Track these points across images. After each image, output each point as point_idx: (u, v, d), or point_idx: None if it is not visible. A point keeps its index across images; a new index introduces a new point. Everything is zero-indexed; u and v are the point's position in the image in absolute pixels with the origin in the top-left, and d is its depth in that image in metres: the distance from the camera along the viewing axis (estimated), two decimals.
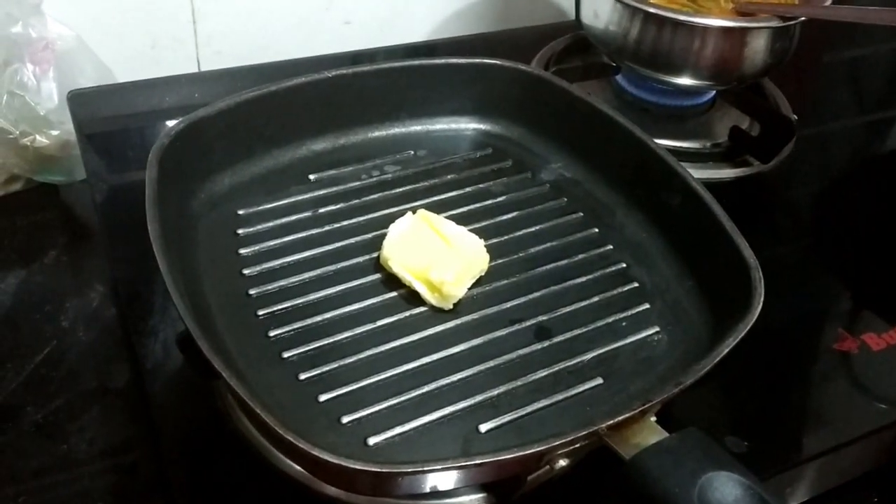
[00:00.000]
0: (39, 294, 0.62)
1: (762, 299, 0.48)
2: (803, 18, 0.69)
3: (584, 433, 0.42)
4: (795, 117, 0.77)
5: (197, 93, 0.76)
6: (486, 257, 0.56)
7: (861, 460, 0.58)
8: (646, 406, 0.43)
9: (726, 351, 0.46)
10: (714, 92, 0.78)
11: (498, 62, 0.64)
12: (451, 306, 0.54)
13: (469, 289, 0.55)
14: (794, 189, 0.76)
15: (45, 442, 0.53)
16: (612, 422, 0.43)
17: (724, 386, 0.57)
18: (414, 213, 0.58)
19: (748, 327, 0.47)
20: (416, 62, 0.64)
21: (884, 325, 0.62)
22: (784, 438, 0.55)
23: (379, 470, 0.41)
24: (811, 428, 0.56)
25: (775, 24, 0.68)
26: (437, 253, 0.54)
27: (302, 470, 0.47)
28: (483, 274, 0.56)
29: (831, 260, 0.70)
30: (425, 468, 0.41)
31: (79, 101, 0.69)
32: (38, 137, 0.67)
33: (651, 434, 0.43)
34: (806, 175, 0.77)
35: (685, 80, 0.72)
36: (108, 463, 0.52)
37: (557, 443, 0.42)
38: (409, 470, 0.42)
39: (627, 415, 0.43)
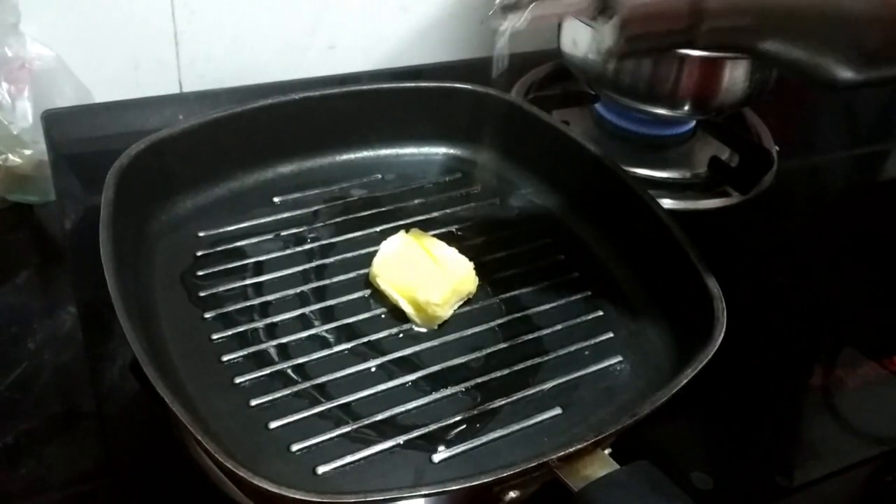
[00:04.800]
0: (9, 315, 0.62)
1: (724, 330, 0.48)
2: None
3: (533, 465, 0.41)
4: (777, 148, 0.77)
5: (181, 114, 0.76)
6: (475, 280, 0.56)
7: (835, 496, 0.57)
8: (598, 438, 0.43)
9: (685, 382, 0.45)
10: (694, 122, 0.77)
11: (468, 86, 0.64)
12: (436, 327, 0.54)
13: None
14: (772, 220, 0.75)
15: (6, 467, 0.52)
16: (562, 453, 0.42)
17: (694, 420, 0.57)
18: (407, 231, 0.58)
19: (708, 357, 0.46)
20: (386, 85, 0.64)
21: (859, 360, 0.62)
22: (756, 474, 0.54)
23: (320, 500, 0.40)
24: (784, 463, 0.55)
25: None
26: (425, 273, 0.54)
27: (252, 501, 0.46)
28: (471, 296, 0.56)
29: (808, 293, 0.69)
30: (368, 498, 0.40)
31: (53, 120, 0.69)
32: (10, 157, 0.66)
33: (602, 466, 0.42)
34: (785, 206, 0.76)
35: (664, 110, 0.71)
36: (68, 490, 0.51)
37: (506, 474, 0.41)
38: (352, 500, 0.40)
39: (579, 446, 0.42)
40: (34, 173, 0.68)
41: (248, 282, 0.55)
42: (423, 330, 0.54)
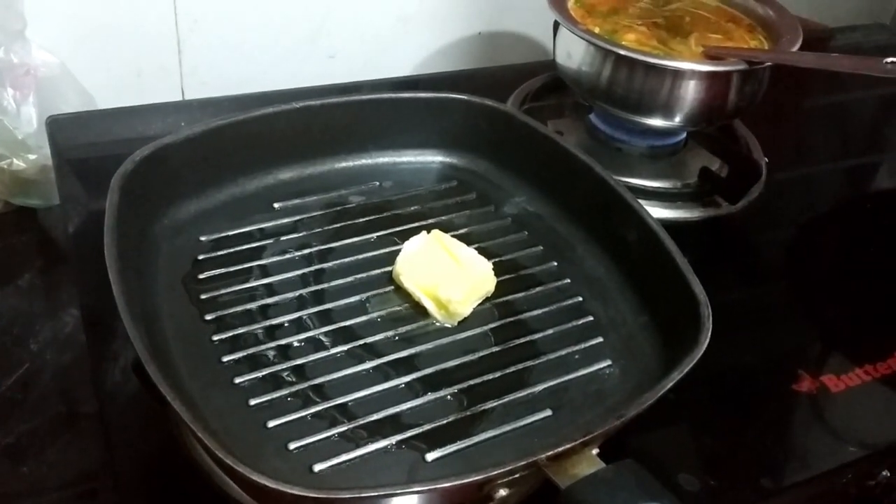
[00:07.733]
0: (12, 317, 0.62)
1: (709, 334, 0.49)
2: (769, 63, 0.70)
3: (523, 463, 0.42)
4: (766, 160, 0.78)
5: (183, 121, 0.77)
6: (494, 279, 0.58)
7: (819, 499, 0.58)
8: (587, 437, 0.44)
9: (671, 385, 0.46)
10: (685, 133, 0.79)
11: (464, 97, 0.65)
12: (455, 323, 0.55)
13: None
14: (761, 231, 0.76)
15: (8, 466, 0.53)
16: (551, 453, 0.43)
17: (682, 423, 0.58)
18: (424, 233, 0.59)
19: (694, 361, 0.47)
20: (385, 95, 0.65)
21: (843, 367, 0.62)
22: (742, 476, 0.55)
23: (316, 495, 0.41)
24: (770, 466, 0.56)
25: (743, 67, 0.69)
26: (447, 272, 0.56)
27: (250, 498, 0.47)
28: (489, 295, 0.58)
29: (794, 302, 0.70)
30: (363, 494, 0.42)
31: (57, 126, 0.70)
32: (14, 161, 0.68)
33: (589, 465, 0.43)
34: (774, 217, 0.77)
35: (655, 121, 0.72)
36: (69, 490, 0.52)
37: (496, 472, 0.42)
38: (347, 496, 0.42)
39: (567, 446, 0.43)
40: (38, 178, 0.70)
41: (248, 285, 0.56)
42: (419, 333, 0.55)
